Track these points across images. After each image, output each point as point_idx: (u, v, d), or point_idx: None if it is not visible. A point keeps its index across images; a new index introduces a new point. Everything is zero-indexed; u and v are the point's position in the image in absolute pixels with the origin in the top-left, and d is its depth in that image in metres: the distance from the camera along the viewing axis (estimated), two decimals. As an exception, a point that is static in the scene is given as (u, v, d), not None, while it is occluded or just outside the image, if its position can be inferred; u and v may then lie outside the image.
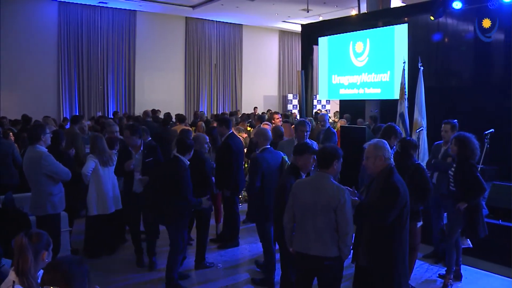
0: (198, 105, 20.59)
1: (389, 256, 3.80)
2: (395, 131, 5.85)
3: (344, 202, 3.63)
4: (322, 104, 21.76)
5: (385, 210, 3.71)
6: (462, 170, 5.14)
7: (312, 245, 3.69)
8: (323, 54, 13.02)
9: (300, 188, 3.86)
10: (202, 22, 20.67)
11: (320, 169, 3.85)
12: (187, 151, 5.35)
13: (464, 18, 10.47)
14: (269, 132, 5.81)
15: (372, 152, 3.92)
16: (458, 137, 5.26)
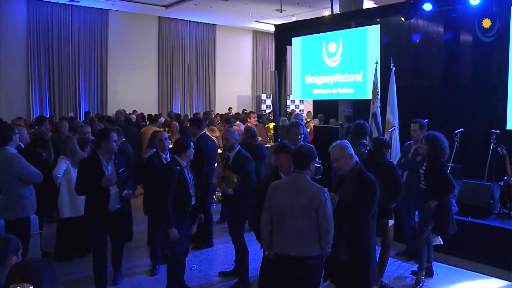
0: (171, 105, 20.48)
1: (367, 251, 3.98)
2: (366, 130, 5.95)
3: (324, 202, 3.64)
4: (296, 104, 21.86)
5: (367, 204, 3.89)
6: (432, 169, 5.24)
7: (293, 246, 3.67)
8: (296, 54, 13.07)
9: (277, 190, 3.81)
10: (175, 22, 20.57)
11: (296, 169, 3.82)
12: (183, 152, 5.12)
13: (435, 19, 10.66)
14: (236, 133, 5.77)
15: (341, 153, 4.05)
16: (428, 136, 5.36)
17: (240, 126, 8.23)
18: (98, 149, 5.07)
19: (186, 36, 21.10)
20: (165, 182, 4.88)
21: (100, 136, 5.13)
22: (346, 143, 4.14)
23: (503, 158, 6.77)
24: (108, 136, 5.03)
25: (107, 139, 5.01)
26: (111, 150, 5.06)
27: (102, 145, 5.03)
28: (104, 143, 5.02)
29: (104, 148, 5.03)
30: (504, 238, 6.03)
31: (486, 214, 6.55)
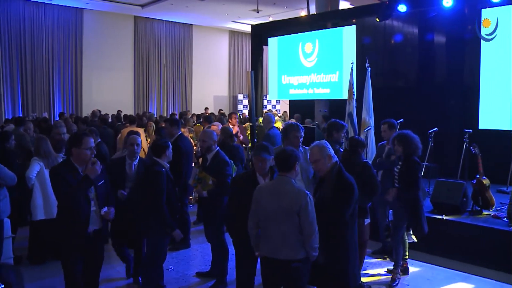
0: (147, 105, 20.31)
1: (345, 252, 3.99)
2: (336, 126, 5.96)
3: (306, 205, 3.61)
4: (273, 104, 21.91)
5: (343, 205, 3.91)
6: (407, 168, 5.29)
7: (280, 250, 3.65)
8: (273, 55, 13.11)
9: (262, 194, 3.78)
10: (151, 22, 20.41)
11: (281, 172, 3.79)
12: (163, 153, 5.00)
13: (409, 21, 10.81)
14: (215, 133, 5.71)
15: (319, 154, 4.03)
16: (399, 136, 5.38)
17: (218, 126, 8.15)
18: (71, 156, 4.16)
19: (162, 36, 20.95)
20: (157, 187, 4.72)
21: (71, 142, 4.21)
22: (325, 143, 4.13)
23: (475, 157, 6.90)
24: (81, 141, 4.08)
25: (79, 144, 4.07)
26: (84, 158, 4.08)
27: (74, 153, 4.10)
28: (75, 150, 4.08)
29: (76, 156, 4.09)
30: (476, 234, 6.15)
31: (460, 212, 6.66)
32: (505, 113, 8.33)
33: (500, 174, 8.08)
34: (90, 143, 4.11)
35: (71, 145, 4.15)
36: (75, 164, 4.09)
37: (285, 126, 5.27)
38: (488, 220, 6.37)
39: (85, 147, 4.06)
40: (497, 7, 7.80)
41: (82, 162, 4.07)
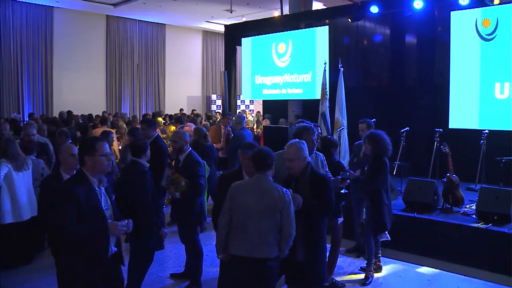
0: (120, 106, 20.09)
1: (322, 250, 4.09)
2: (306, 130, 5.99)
3: (289, 203, 3.65)
4: (246, 104, 21.91)
5: (329, 201, 4.00)
6: (375, 167, 5.37)
7: (257, 248, 3.64)
8: (246, 55, 13.10)
9: (241, 191, 3.75)
10: (124, 21, 20.19)
11: (259, 171, 3.78)
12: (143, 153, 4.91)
13: (381, 22, 10.94)
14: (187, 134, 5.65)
15: (296, 154, 4.06)
16: (370, 136, 5.46)
17: (191, 126, 8.11)
18: (83, 166, 3.43)
19: (135, 35, 20.75)
20: (144, 186, 4.65)
21: (83, 149, 3.51)
22: (302, 144, 4.14)
23: (445, 156, 7.02)
24: (94, 148, 3.41)
25: (93, 151, 3.39)
26: (101, 168, 3.43)
27: (87, 162, 3.39)
28: (89, 158, 3.39)
29: (90, 165, 3.39)
30: (447, 231, 6.27)
31: (431, 210, 6.77)
32: (474, 113, 8.51)
33: (469, 172, 8.24)
34: (105, 149, 3.47)
35: (83, 153, 3.42)
36: (89, 175, 3.38)
37: (300, 129, 4.74)
38: (458, 217, 6.49)
39: (100, 153, 3.40)
40: (497, 7, 7.85)
41: (97, 172, 3.40)
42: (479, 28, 7.96)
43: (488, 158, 7.99)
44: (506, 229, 5.85)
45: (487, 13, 7.94)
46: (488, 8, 7.95)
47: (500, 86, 8.21)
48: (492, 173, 8.05)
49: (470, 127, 8.56)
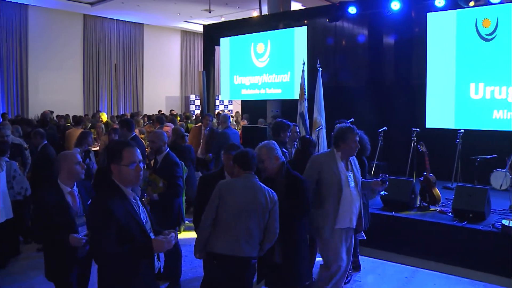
0: (97, 106, 19.84)
1: (301, 250, 4.10)
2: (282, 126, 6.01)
3: (276, 204, 3.69)
4: (225, 104, 21.88)
5: (304, 202, 4.02)
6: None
7: (242, 247, 3.63)
8: (225, 55, 13.08)
9: (230, 190, 3.73)
10: (101, 20, 19.95)
11: (246, 171, 3.78)
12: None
13: (360, 22, 11.03)
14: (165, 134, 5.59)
15: (267, 154, 4.07)
16: None
17: (170, 127, 8.03)
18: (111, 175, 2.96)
19: (112, 35, 20.52)
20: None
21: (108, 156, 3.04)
22: (273, 144, 4.17)
23: (422, 155, 7.12)
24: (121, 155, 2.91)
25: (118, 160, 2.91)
26: (130, 178, 2.92)
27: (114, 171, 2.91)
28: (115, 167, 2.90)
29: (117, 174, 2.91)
30: (424, 230, 6.34)
31: (408, 208, 6.85)
32: (450, 113, 8.63)
33: (445, 171, 8.36)
34: (135, 156, 2.93)
35: (109, 161, 2.97)
36: (121, 185, 2.88)
37: (342, 129, 4.46)
38: (435, 216, 6.57)
39: (126, 162, 2.87)
40: (497, 7, 7.93)
41: (128, 182, 2.89)
42: (479, 28, 8.00)
43: (464, 157, 8.13)
44: (480, 226, 5.95)
45: (487, 13, 7.97)
46: (488, 8, 7.98)
47: (475, 86, 8.34)
48: (468, 171, 8.19)
49: (446, 127, 8.69)
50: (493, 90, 8.14)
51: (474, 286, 5.47)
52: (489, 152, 7.94)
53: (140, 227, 2.86)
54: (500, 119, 8.07)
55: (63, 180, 3.67)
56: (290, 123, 6.27)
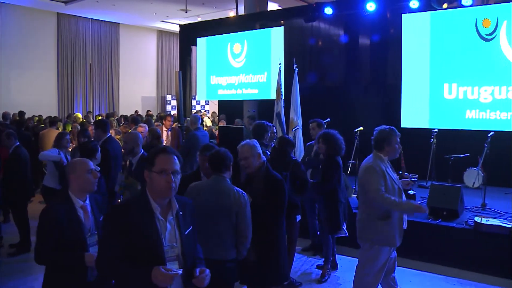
0: (72, 106, 19.53)
1: (276, 250, 4.08)
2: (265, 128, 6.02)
3: (245, 205, 3.63)
4: (201, 104, 21.81)
5: (279, 203, 4.03)
6: (328, 165, 5.44)
7: (215, 250, 3.60)
8: (201, 55, 13.03)
9: (198, 192, 3.71)
10: (76, 19, 19.65)
11: (216, 172, 3.76)
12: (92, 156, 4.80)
13: (336, 23, 11.11)
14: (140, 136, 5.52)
15: (249, 152, 4.07)
16: (324, 135, 5.53)
17: (145, 128, 7.94)
18: (145, 185, 2.65)
19: (87, 34, 20.22)
20: None
21: (144, 162, 2.73)
22: (255, 142, 4.18)
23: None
24: (153, 160, 2.60)
25: (150, 165, 2.59)
26: (161, 189, 2.55)
27: (147, 178, 2.60)
28: (148, 174, 2.59)
29: (150, 184, 2.58)
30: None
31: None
32: (424, 113, 8.75)
33: (420, 170, 8.48)
34: (173, 164, 2.58)
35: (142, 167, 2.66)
36: (151, 198, 2.55)
37: (385, 131, 4.42)
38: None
39: (158, 169, 2.54)
40: (497, 7, 7.99)
41: (159, 194, 2.54)
42: (479, 28, 8.03)
43: (438, 156, 8.26)
44: (454, 224, 6.08)
45: (487, 13, 8.00)
46: (488, 8, 8.03)
47: (449, 86, 8.48)
48: (442, 170, 8.33)
49: (421, 126, 8.81)
50: (466, 91, 8.29)
51: (448, 282, 5.56)
52: (462, 151, 8.09)
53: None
54: (472, 118, 8.22)
55: (74, 192, 3.21)
56: (271, 124, 6.29)
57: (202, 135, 8.23)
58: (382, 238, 4.05)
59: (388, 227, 4.03)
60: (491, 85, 8.04)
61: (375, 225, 4.03)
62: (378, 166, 4.06)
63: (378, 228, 4.03)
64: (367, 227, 4.10)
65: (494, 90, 8.01)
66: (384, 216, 4.01)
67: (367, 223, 4.09)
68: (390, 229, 4.03)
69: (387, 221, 4.01)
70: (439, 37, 8.59)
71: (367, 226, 4.10)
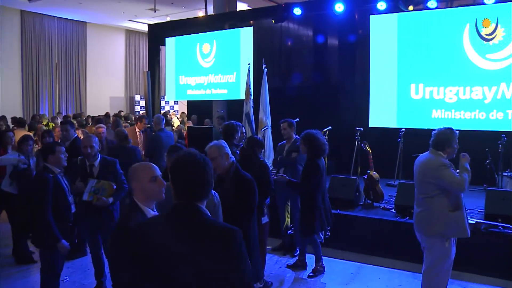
0: (38, 107, 19.11)
1: (249, 251, 3.99)
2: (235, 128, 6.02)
3: (218, 205, 3.62)
4: (170, 105, 21.65)
5: (250, 203, 4.05)
6: (311, 167, 5.44)
7: None
8: (170, 55, 12.93)
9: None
10: (41, 17, 19.20)
11: None
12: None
13: (305, 23, 11.18)
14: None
15: (217, 152, 4.07)
16: (305, 136, 5.49)
17: (103, 128, 7.72)
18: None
19: (53, 33, 19.79)
20: (39, 195, 4.37)
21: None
22: (223, 143, 4.19)
23: (366, 154, 7.30)
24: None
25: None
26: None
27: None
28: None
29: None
30: (369, 226, 6.51)
31: (353, 206, 7.01)
32: (392, 112, 8.88)
33: (388, 169, 8.61)
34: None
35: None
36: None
37: (447, 133, 4.43)
38: (379, 212, 6.78)
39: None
40: (497, 7, 7.94)
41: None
42: (479, 28, 8.04)
43: (405, 155, 8.39)
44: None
45: (487, 13, 8.01)
46: (488, 8, 8.03)
47: (415, 87, 8.62)
48: (409, 169, 8.40)
49: (388, 126, 8.93)
50: (432, 91, 8.44)
51: (416, 278, 5.64)
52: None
53: None
54: (438, 118, 8.38)
55: (141, 201, 2.87)
56: (240, 124, 6.29)
57: (165, 136, 8.16)
58: (455, 230, 4.20)
59: (459, 218, 4.20)
60: (455, 85, 8.22)
61: (447, 217, 4.17)
62: (445, 160, 4.27)
63: (452, 219, 4.17)
64: (438, 221, 4.21)
65: (459, 91, 8.19)
66: (455, 207, 4.19)
67: (438, 216, 4.20)
68: (461, 220, 4.19)
69: (457, 212, 4.18)
70: (406, 38, 8.72)
71: (438, 219, 4.21)
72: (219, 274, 1.95)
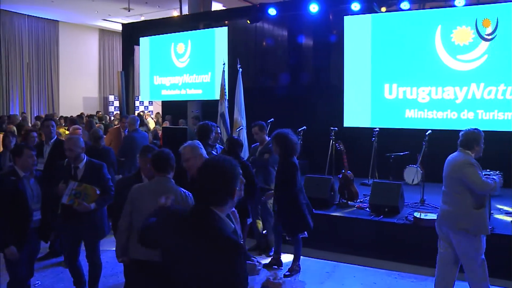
0: (8, 107, 18.71)
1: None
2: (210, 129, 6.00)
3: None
4: (145, 105, 21.48)
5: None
6: (285, 167, 5.44)
7: (156, 252, 3.50)
8: (144, 55, 12.83)
9: (141, 194, 3.61)
10: (11, 15, 18.80)
11: (159, 173, 3.65)
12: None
13: (280, 24, 11.21)
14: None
15: (191, 153, 4.05)
16: (277, 136, 5.45)
17: (80, 129, 7.57)
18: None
19: (24, 31, 19.39)
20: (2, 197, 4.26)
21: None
22: (197, 143, 4.17)
23: (341, 153, 7.34)
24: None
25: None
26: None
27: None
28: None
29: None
30: (344, 225, 6.56)
31: (328, 205, 7.05)
32: (366, 112, 8.97)
33: (362, 168, 8.68)
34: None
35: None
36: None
37: (475, 133, 4.48)
38: (354, 211, 6.83)
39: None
40: (497, 7, 8.02)
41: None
42: (479, 28, 8.06)
43: (379, 155, 8.48)
44: (395, 220, 6.27)
45: (487, 13, 8.04)
46: (488, 8, 8.10)
47: (389, 87, 8.73)
48: (383, 168, 8.56)
49: (362, 126, 9.02)
50: (405, 91, 8.56)
51: (390, 275, 5.71)
52: (402, 149, 8.34)
53: None
54: (411, 117, 8.51)
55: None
56: (215, 124, 6.27)
57: (140, 137, 8.06)
58: (478, 227, 4.28)
59: (483, 216, 4.31)
60: (428, 85, 8.35)
61: (471, 214, 4.28)
62: (473, 160, 4.37)
63: (474, 217, 4.28)
64: (463, 217, 4.32)
65: (431, 91, 8.33)
66: (479, 205, 4.30)
67: (464, 213, 4.31)
68: (484, 217, 4.31)
69: (481, 210, 4.30)
70: (379, 39, 8.83)
71: (464, 216, 4.31)
72: (216, 277, 2.06)
